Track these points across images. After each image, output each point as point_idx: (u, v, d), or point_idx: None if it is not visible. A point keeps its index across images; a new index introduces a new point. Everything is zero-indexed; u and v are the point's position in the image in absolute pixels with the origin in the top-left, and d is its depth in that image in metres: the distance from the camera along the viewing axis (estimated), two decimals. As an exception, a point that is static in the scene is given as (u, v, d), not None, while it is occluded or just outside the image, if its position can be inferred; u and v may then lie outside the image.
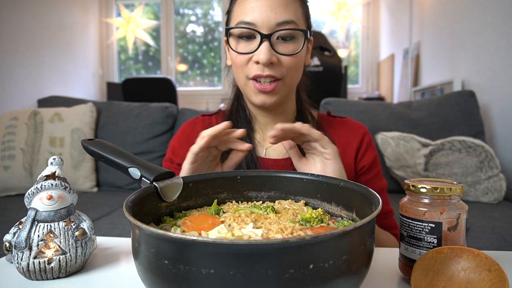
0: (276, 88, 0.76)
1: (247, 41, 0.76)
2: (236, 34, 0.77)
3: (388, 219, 0.87)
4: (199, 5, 4.28)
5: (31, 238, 0.48)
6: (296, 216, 0.51)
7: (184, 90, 4.12)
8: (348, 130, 0.89)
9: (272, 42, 0.74)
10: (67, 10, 3.31)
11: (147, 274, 0.36)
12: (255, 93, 0.78)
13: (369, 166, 0.87)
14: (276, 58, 0.74)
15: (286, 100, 0.84)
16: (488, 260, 0.42)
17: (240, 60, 0.77)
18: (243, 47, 0.77)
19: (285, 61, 0.75)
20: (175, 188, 0.52)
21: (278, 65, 0.75)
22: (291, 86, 0.80)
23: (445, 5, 2.46)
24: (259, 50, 0.73)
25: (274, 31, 0.73)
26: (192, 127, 0.92)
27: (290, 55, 0.75)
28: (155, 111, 1.95)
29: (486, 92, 1.93)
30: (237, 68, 0.79)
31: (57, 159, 0.54)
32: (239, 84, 0.82)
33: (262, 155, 0.86)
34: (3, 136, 1.81)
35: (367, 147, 0.88)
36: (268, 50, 0.72)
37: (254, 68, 0.75)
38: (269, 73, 0.74)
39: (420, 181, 0.50)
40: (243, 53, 0.76)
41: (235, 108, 0.89)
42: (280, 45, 0.75)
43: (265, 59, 0.72)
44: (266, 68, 0.74)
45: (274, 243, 0.31)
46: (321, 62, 2.43)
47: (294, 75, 0.78)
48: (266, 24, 0.73)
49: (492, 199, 1.49)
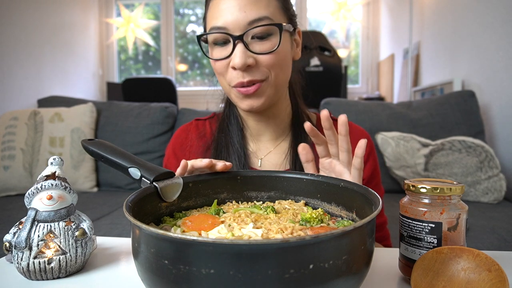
0: (260, 89, 0.72)
1: (222, 46, 0.72)
2: (211, 41, 0.73)
3: (382, 231, 0.85)
4: (199, 5, 4.28)
5: (31, 238, 0.48)
6: (296, 216, 0.51)
7: (184, 90, 4.12)
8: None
9: (247, 42, 0.69)
10: (67, 10, 3.31)
11: (147, 274, 0.36)
12: (241, 99, 0.74)
13: (369, 178, 0.84)
14: (253, 59, 0.70)
15: (277, 101, 0.79)
16: (488, 260, 0.42)
17: (219, 66, 0.73)
18: (218, 52, 0.73)
19: (264, 60, 0.70)
20: (175, 188, 0.52)
21: (257, 66, 0.70)
22: (277, 84, 0.75)
23: (445, 5, 2.46)
24: (233, 54, 0.69)
25: (246, 31, 0.69)
26: (185, 135, 0.89)
27: (268, 53, 0.70)
28: (155, 111, 1.95)
29: (486, 92, 1.93)
30: (219, 76, 0.75)
31: (57, 159, 0.54)
32: (225, 91, 0.79)
33: (257, 166, 0.82)
34: (3, 136, 1.81)
35: (368, 156, 0.85)
36: (242, 53, 0.68)
37: (234, 75, 0.71)
38: (249, 78, 0.70)
39: (420, 181, 0.50)
40: (219, 59, 0.72)
41: (227, 115, 0.85)
42: (256, 45, 0.70)
43: (240, 63, 0.68)
44: (245, 73, 0.70)
45: (274, 243, 0.31)
46: (321, 62, 2.43)
47: (279, 73, 0.73)
48: (237, 25, 0.69)
49: (492, 199, 1.49)
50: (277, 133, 0.84)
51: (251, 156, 0.83)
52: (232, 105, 0.86)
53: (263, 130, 0.84)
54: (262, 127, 0.83)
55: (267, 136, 0.84)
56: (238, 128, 0.83)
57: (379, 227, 0.85)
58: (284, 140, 0.85)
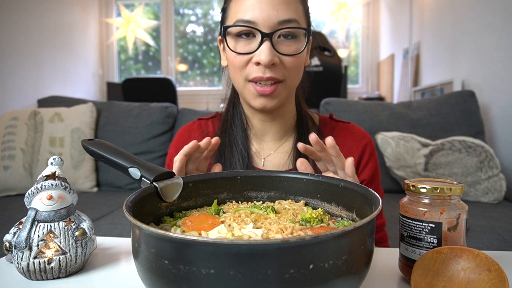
0: (276, 91, 0.72)
1: (246, 40, 0.72)
2: (234, 33, 0.72)
3: (381, 233, 0.85)
4: (199, 5, 4.28)
5: (31, 238, 0.48)
6: (296, 216, 0.51)
7: (184, 90, 4.12)
8: (351, 139, 0.86)
9: (274, 41, 0.69)
10: (67, 10, 3.31)
11: (147, 274, 0.36)
12: (254, 96, 0.74)
13: (369, 179, 0.84)
14: (278, 58, 0.70)
15: (286, 103, 0.80)
16: (488, 260, 0.42)
17: (238, 61, 0.72)
18: (242, 46, 0.72)
19: (287, 61, 0.71)
20: (175, 188, 0.52)
21: (279, 66, 0.71)
22: (291, 88, 0.76)
23: (445, 5, 2.46)
24: (260, 50, 0.69)
25: (276, 30, 0.69)
26: (188, 134, 0.89)
27: (293, 55, 0.71)
28: (155, 111, 1.95)
29: (486, 92, 1.93)
30: (235, 70, 0.74)
31: (57, 159, 0.54)
32: (237, 87, 0.78)
33: (260, 165, 0.83)
34: (3, 136, 1.81)
35: (369, 158, 0.85)
36: (270, 50, 0.68)
37: (254, 69, 0.71)
38: (270, 75, 0.70)
39: (420, 181, 0.50)
40: (243, 53, 0.71)
41: (231, 115, 0.85)
42: (282, 45, 0.71)
43: (267, 60, 0.68)
44: (268, 69, 0.70)
45: (274, 243, 0.31)
46: (321, 62, 2.43)
47: (295, 77, 0.75)
48: (267, 22, 0.69)
49: (492, 199, 1.49)
50: (281, 133, 0.84)
51: (254, 156, 0.83)
52: (236, 105, 0.85)
53: (268, 130, 0.84)
54: (267, 127, 0.83)
55: (271, 136, 0.84)
56: (241, 128, 0.83)
57: (378, 228, 0.84)
58: (288, 140, 0.85)
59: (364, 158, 0.85)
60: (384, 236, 0.86)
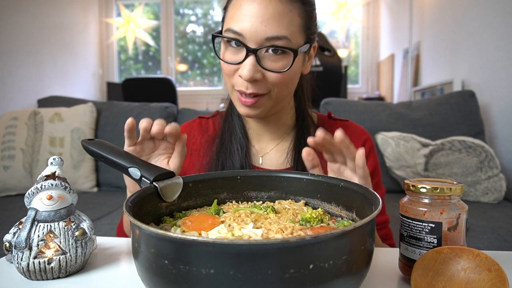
0: (258, 102, 0.72)
1: (235, 49, 0.71)
2: (225, 40, 0.72)
3: (385, 229, 0.85)
4: (199, 5, 4.28)
5: (31, 238, 0.48)
6: (296, 216, 0.51)
7: (184, 90, 4.12)
8: (350, 136, 0.83)
9: (259, 56, 0.69)
10: (67, 10, 3.31)
11: (147, 274, 0.36)
12: (239, 104, 0.74)
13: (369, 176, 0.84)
14: (261, 74, 0.69)
15: (279, 110, 0.80)
16: (488, 260, 0.42)
17: (226, 68, 0.73)
18: (230, 55, 0.72)
19: (271, 77, 0.69)
20: (175, 188, 0.52)
21: (262, 81, 0.70)
22: (278, 98, 0.75)
23: (445, 5, 2.46)
24: (243, 65, 0.68)
25: (262, 47, 0.67)
26: (188, 132, 0.89)
27: (277, 72, 0.69)
28: (155, 111, 1.95)
29: (486, 92, 1.93)
30: (225, 76, 0.75)
31: (57, 159, 0.54)
32: (228, 90, 0.79)
33: (258, 164, 0.83)
34: (3, 136, 1.81)
35: (369, 154, 0.85)
36: (252, 66, 0.67)
37: (239, 81, 0.71)
38: (252, 91, 0.70)
39: (420, 181, 0.50)
40: (230, 63, 0.71)
41: (230, 113, 0.86)
42: (268, 60, 0.69)
43: (247, 76, 0.67)
44: (250, 84, 0.69)
45: (274, 243, 0.31)
46: (321, 62, 2.43)
47: (282, 89, 0.73)
48: (254, 37, 0.67)
49: (492, 199, 1.49)
50: (279, 133, 0.85)
51: (253, 154, 0.84)
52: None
53: (264, 130, 0.85)
54: (262, 127, 0.84)
55: (268, 135, 0.85)
56: (240, 126, 0.84)
57: (381, 225, 0.85)
58: (286, 139, 0.85)
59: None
60: (389, 233, 0.86)
